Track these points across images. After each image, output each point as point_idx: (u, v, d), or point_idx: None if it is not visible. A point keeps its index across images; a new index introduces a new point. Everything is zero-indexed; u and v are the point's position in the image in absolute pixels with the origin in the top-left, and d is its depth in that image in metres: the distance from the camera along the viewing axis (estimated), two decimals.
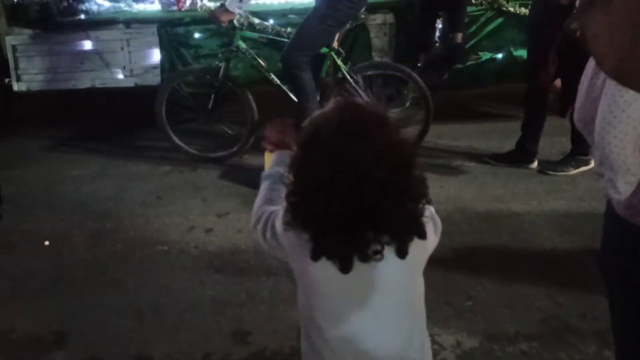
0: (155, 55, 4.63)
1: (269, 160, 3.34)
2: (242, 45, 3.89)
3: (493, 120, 4.56)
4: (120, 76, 4.69)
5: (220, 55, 4.08)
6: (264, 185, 1.35)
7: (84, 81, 4.69)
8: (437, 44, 4.60)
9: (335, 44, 3.78)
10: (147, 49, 4.65)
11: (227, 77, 3.89)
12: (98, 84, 4.69)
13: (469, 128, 4.45)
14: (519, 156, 3.75)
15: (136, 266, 2.81)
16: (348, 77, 3.75)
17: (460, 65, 4.45)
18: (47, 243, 3.07)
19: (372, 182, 0.97)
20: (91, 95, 4.96)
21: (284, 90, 3.86)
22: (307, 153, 1.04)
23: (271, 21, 4.40)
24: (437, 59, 4.51)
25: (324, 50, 3.74)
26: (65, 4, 4.74)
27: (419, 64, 4.47)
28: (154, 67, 4.64)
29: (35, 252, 2.97)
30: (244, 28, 3.94)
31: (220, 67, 3.86)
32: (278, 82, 3.89)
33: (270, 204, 1.27)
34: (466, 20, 4.43)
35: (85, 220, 3.27)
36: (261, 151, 1.50)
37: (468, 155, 3.97)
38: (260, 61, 3.93)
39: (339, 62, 3.79)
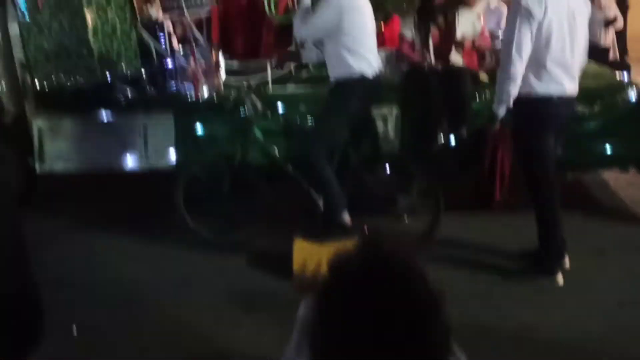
0: (170, 141, 4.87)
1: (299, 251, 3.45)
2: (259, 134, 4.09)
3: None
4: (137, 160, 4.94)
5: (236, 143, 4.27)
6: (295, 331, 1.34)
7: (104, 164, 4.95)
8: (442, 138, 4.69)
9: None
10: (163, 135, 4.90)
11: (243, 165, 4.08)
12: (116, 167, 4.96)
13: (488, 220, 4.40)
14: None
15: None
16: (362, 169, 3.89)
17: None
18: (75, 331, 3.13)
19: (394, 330, 0.95)
20: (109, 178, 5.21)
21: (298, 180, 4.04)
22: (327, 299, 1.03)
23: (280, 109, 4.61)
24: (443, 153, 4.58)
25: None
26: (89, 90, 5.06)
27: (424, 157, 4.56)
28: (170, 152, 4.88)
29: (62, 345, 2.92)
30: (260, 117, 4.14)
31: (236, 155, 4.04)
32: (292, 171, 4.05)
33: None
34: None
35: (112, 306, 3.37)
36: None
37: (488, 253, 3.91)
38: (276, 150, 4.10)
39: (350, 152, 3.94)
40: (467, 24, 4.64)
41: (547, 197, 3.51)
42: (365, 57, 3.74)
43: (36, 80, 4.76)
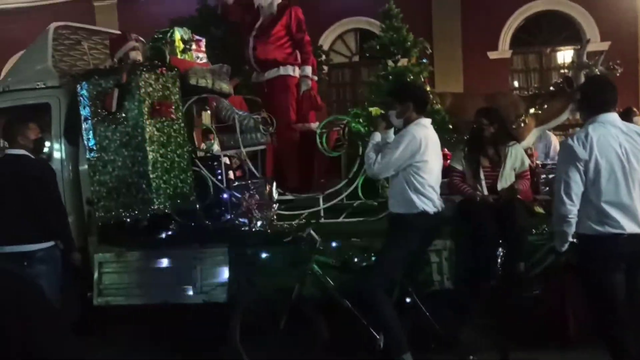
0: (225, 274, 4.89)
1: None
2: (317, 268, 4.09)
3: None
4: (191, 293, 4.94)
5: (293, 276, 4.24)
6: None
7: (158, 297, 4.96)
8: (498, 273, 4.63)
9: None
10: (217, 268, 4.91)
11: (300, 299, 4.03)
12: (170, 300, 4.95)
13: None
14: None
15: None
16: (419, 303, 3.81)
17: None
18: None
19: None
20: (162, 309, 5.19)
21: (357, 316, 3.95)
22: None
23: (334, 244, 4.64)
24: (498, 288, 4.50)
25: None
26: (147, 223, 5.20)
27: (478, 291, 4.48)
28: (223, 285, 4.89)
29: None
30: (319, 251, 4.17)
31: (293, 288, 4.03)
32: (351, 307, 3.99)
33: None
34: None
35: None
36: None
37: None
38: (334, 285, 4.09)
39: (410, 288, 3.90)
40: (516, 157, 4.75)
41: (616, 336, 3.38)
42: (430, 197, 3.78)
43: (100, 215, 4.92)
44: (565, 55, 13.38)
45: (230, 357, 4.26)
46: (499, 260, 4.62)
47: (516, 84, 13.94)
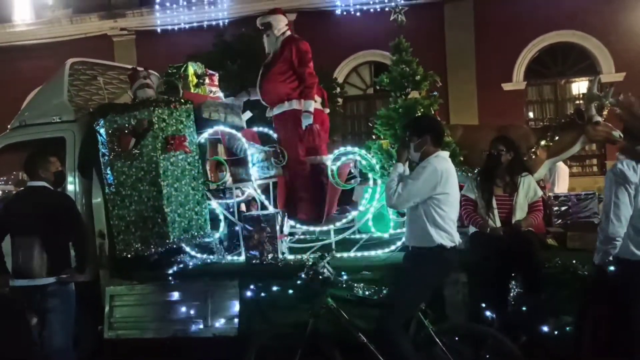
0: (235, 307, 4.86)
1: None
2: (331, 302, 4.05)
3: None
4: (201, 326, 4.91)
5: (307, 311, 4.15)
6: None
7: (168, 330, 4.94)
8: (511, 305, 4.55)
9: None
10: (227, 301, 4.89)
11: (315, 334, 3.97)
12: (180, 334, 4.93)
13: None
14: None
15: None
16: (435, 338, 3.74)
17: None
18: None
19: None
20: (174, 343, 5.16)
21: (373, 351, 3.86)
22: None
23: (344, 276, 4.61)
24: (514, 320, 4.41)
25: None
26: (160, 257, 5.22)
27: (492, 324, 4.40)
28: (233, 319, 4.85)
29: None
30: (333, 285, 4.14)
31: (308, 323, 3.98)
32: (367, 342, 3.91)
33: None
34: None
35: None
36: None
37: None
38: (349, 320, 4.03)
39: (427, 322, 3.83)
40: (529, 187, 4.71)
41: None
42: (448, 230, 3.74)
43: (117, 249, 4.96)
44: (580, 87, 13.39)
45: None
46: (511, 294, 4.56)
47: (531, 115, 13.90)
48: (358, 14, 13.86)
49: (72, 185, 5.24)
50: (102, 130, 4.96)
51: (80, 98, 5.88)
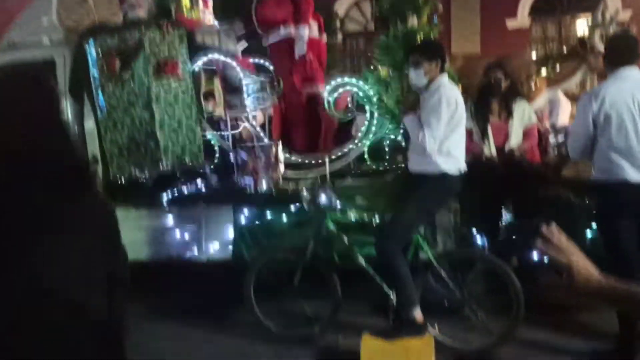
0: (229, 233, 4.91)
1: (367, 348, 3.40)
2: (332, 227, 4.07)
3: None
4: (195, 251, 4.97)
5: (308, 236, 4.19)
6: None
7: (163, 254, 5.00)
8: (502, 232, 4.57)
9: None
10: (222, 227, 4.95)
11: (314, 258, 4.02)
12: (174, 258, 4.99)
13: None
14: None
15: None
16: (435, 263, 3.77)
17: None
18: None
19: None
20: (167, 268, 5.23)
21: (371, 275, 3.94)
22: None
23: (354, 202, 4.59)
24: (505, 247, 4.44)
25: None
26: (155, 182, 5.21)
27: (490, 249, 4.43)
28: (227, 243, 4.90)
29: None
30: (334, 210, 4.17)
31: (307, 247, 4.02)
32: (365, 266, 3.98)
33: None
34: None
35: None
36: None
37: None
38: (349, 244, 4.07)
39: (425, 246, 3.87)
40: (524, 112, 4.64)
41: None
42: (455, 157, 3.68)
43: (110, 172, 4.95)
44: (585, 24, 13.04)
45: (242, 314, 4.30)
46: (503, 221, 4.56)
47: (534, 54, 13.63)
48: None
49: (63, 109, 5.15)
50: (92, 51, 4.84)
51: (70, 20, 5.69)
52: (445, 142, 3.60)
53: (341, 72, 12.68)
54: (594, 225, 4.15)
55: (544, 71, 5.30)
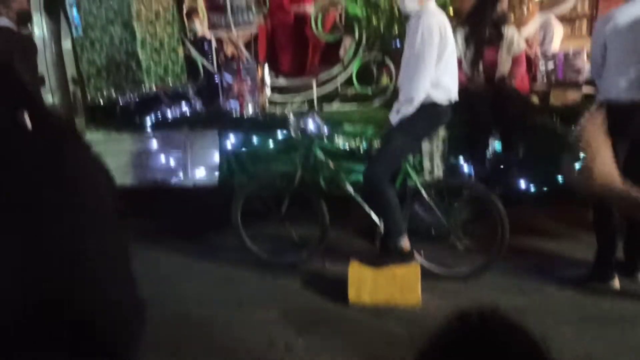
0: (215, 158, 4.87)
1: (354, 275, 3.47)
2: (320, 154, 4.06)
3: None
4: (181, 176, 4.94)
5: (296, 162, 4.19)
6: None
7: (148, 179, 4.96)
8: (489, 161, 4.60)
9: None
10: (207, 151, 4.89)
11: (302, 184, 4.02)
12: (159, 183, 4.95)
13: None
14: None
15: None
16: (422, 190, 3.81)
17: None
18: None
19: None
20: (152, 193, 5.21)
21: (359, 202, 3.95)
22: None
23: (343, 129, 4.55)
24: (491, 176, 4.49)
25: None
26: (137, 104, 5.09)
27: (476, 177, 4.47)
28: (213, 169, 4.87)
29: None
30: (322, 137, 4.14)
31: (295, 174, 4.01)
32: (353, 193, 3.99)
33: None
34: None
35: (162, 324, 3.20)
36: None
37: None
38: (336, 171, 4.07)
39: (413, 175, 3.87)
40: (512, 39, 4.54)
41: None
42: (445, 87, 3.58)
43: (88, 94, 4.80)
44: None
45: (232, 240, 4.31)
46: (489, 150, 4.58)
47: None
48: None
49: (38, 28, 4.92)
50: None
51: None
52: (435, 72, 3.50)
53: None
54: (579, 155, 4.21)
55: None
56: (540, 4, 5.19)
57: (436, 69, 3.50)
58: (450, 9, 4.74)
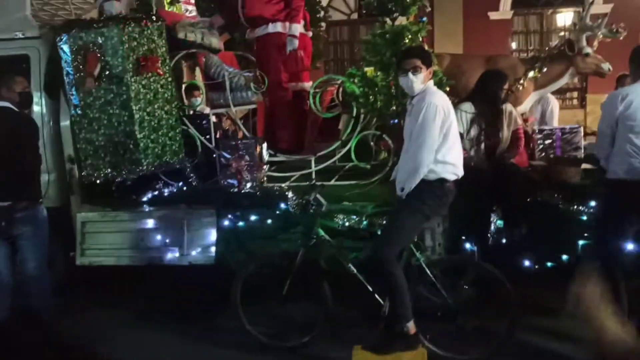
0: (212, 236, 4.76)
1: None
2: (322, 232, 3.97)
3: None
4: (177, 255, 4.81)
5: (298, 241, 4.12)
6: None
7: (142, 258, 4.84)
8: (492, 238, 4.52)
9: None
10: (204, 230, 4.78)
11: (305, 264, 3.89)
12: (155, 262, 4.83)
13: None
14: None
15: None
16: (427, 269, 3.70)
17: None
18: None
19: None
20: (146, 271, 5.09)
21: (362, 282, 3.83)
22: None
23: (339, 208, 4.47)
24: (494, 254, 4.40)
25: None
26: (134, 183, 5.03)
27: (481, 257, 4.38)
28: (210, 247, 4.76)
29: None
30: (324, 215, 4.05)
31: (297, 253, 3.90)
32: (356, 273, 3.87)
33: None
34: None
35: None
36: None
37: None
38: (340, 251, 3.97)
39: (418, 254, 3.77)
40: (511, 116, 4.58)
41: None
42: (451, 163, 3.56)
43: (84, 173, 4.77)
44: (566, 18, 13.11)
45: (231, 322, 4.18)
46: (493, 226, 4.52)
47: (514, 45, 13.67)
48: None
49: (38, 107, 4.94)
50: (65, 47, 4.63)
51: (45, 13, 5.47)
52: (441, 149, 3.50)
53: (324, 62, 12.59)
54: (581, 231, 4.16)
55: (531, 73, 5.24)
56: (535, 81, 5.29)
57: (442, 147, 3.50)
58: (447, 87, 4.80)
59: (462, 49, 12.77)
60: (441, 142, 3.50)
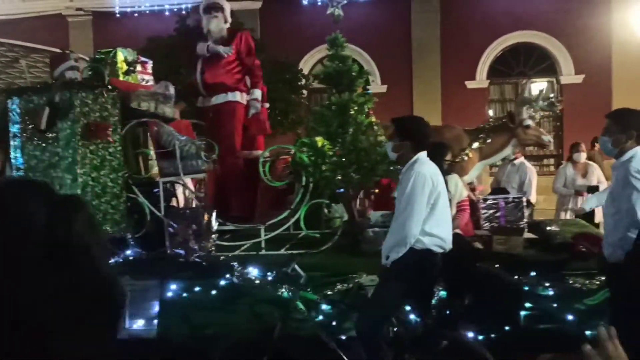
0: (155, 308, 4.63)
1: None
2: (301, 306, 3.87)
3: None
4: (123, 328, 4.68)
5: (276, 315, 3.98)
6: None
7: None
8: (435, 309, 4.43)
9: None
10: (147, 302, 4.68)
11: (283, 338, 3.76)
12: None
13: None
14: None
15: None
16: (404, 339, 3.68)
17: None
18: None
19: None
20: None
21: (342, 357, 3.69)
22: None
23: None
24: (437, 325, 4.30)
25: None
26: None
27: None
28: (152, 319, 4.63)
29: None
30: (303, 287, 3.97)
31: (274, 327, 3.77)
32: (336, 347, 3.74)
33: None
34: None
35: None
36: None
37: None
38: (319, 324, 3.88)
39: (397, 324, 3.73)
40: (456, 187, 4.60)
41: None
42: (439, 236, 3.54)
43: None
44: (539, 87, 13.42)
45: None
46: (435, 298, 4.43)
47: (491, 112, 13.93)
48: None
49: None
50: (15, 109, 4.67)
51: (1, 82, 5.58)
52: (428, 221, 3.48)
53: (305, 126, 12.75)
54: (524, 302, 4.09)
55: (475, 144, 5.32)
56: (480, 151, 5.35)
57: (429, 218, 3.50)
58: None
59: (441, 115, 13.03)
60: (429, 212, 3.50)
